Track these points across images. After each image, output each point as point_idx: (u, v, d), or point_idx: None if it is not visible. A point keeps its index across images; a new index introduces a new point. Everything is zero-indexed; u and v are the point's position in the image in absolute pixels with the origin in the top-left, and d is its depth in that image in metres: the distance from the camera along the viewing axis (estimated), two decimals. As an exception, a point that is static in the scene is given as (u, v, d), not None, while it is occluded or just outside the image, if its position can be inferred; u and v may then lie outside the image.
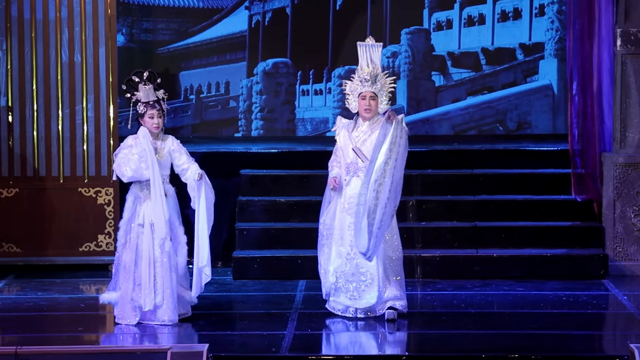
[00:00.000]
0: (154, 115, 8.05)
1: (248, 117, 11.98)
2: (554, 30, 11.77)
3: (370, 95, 8.13)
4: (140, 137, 8.03)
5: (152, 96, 8.07)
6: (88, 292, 9.43)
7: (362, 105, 8.15)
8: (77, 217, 10.18)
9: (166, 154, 8.09)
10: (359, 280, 8.11)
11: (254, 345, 7.68)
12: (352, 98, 8.22)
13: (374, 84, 8.12)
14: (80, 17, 10.14)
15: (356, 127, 8.18)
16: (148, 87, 8.07)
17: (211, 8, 12.11)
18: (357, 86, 8.18)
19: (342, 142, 8.18)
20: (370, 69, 8.12)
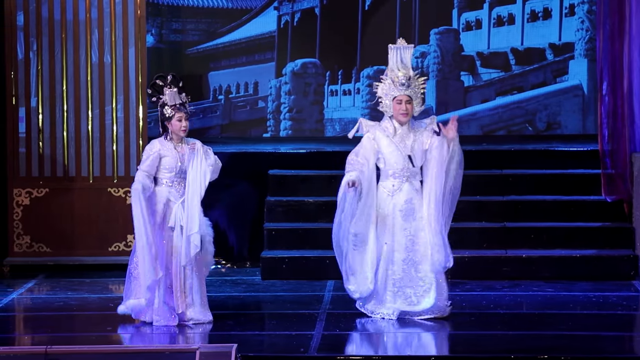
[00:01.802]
0: (182, 118, 8.07)
1: (277, 118, 11.99)
2: (584, 30, 11.71)
3: (406, 99, 8.05)
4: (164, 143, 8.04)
5: (178, 99, 8.08)
6: (117, 292, 9.46)
7: (399, 109, 8.07)
8: (107, 217, 10.22)
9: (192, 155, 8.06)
10: (417, 286, 8.07)
11: (282, 346, 7.68)
12: (386, 101, 8.14)
13: (409, 87, 8.05)
14: (110, 17, 10.18)
15: (396, 132, 8.08)
16: (173, 90, 8.07)
17: (240, 8, 12.13)
18: (390, 89, 8.10)
19: (385, 148, 8.05)
20: (404, 71, 8.05)
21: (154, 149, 8.08)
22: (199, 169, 7.99)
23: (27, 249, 10.23)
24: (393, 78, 8.07)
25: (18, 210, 10.22)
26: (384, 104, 8.14)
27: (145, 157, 8.09)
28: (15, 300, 9.10)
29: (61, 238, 10.18)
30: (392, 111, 8.10)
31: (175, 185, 8.04)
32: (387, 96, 8.10)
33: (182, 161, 8.05)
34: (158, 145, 8.10)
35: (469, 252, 9.75)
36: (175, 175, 8.05)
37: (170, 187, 8.05)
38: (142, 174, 8.03)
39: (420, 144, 8.06)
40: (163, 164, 8.06)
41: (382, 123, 8.17)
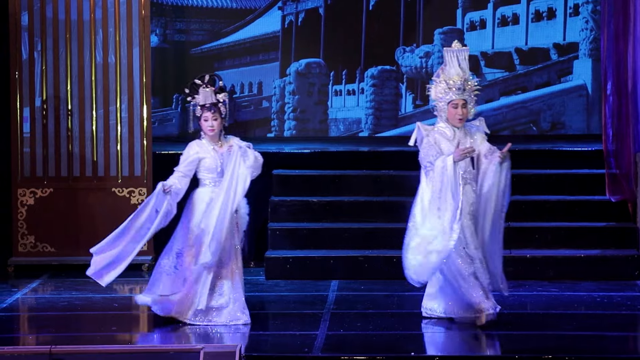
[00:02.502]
0: (208, 118, 8.01)
1: (281, 118, 11.99)
2: (589, 30, 11.70)
3: (462, 103, 7.91)
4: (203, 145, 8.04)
5: (210, 99, 8.03)
6: (121, 292, 9.47)
7: (454, 113, 7.91)
8: (111, 217, 10.21)
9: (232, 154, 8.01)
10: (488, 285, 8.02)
11: (287, 345, 7.68)
12: (440, 105, 7.97)
13: (465, 90, 7.94)
14: (115, 18, 10.19)
15: (455, 136, 7.97)
16: (207, 90, 8.04)
17: (244, 8, 12.13)
18: (446, 93, 7.94)
19: (446, 151, 7.89)
20: (461, 75, 7.93)
21: (191, 151, 8.06)
22: (233, 175, 7.91)
23: (32, 249, 10.24)
24: (448, 81, 7.91)
25: (22, 210, 10.22)
26: (438, 108, 7.97)
27: (182, 159, 8.06)
28: (19, 300, 9.11)
29: (65, 238, 10.19)
30: (447, 115, 7.94)
31: (218, 184, 7.99)
32: (442, 100, 7.94)
33: (222, 160, 8.00)
34: (196, 148, 8.06)
35: (473, 252, 9.73)
36: (217, 175, 8.01)
37: (214, 187, 8.01)
38: (176, 174, 8.02)
39: (476, 147, 7.93)
40: (203, 165, 8.02)
41: (437, 127, 8.00)
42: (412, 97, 12.00)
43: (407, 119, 11.99)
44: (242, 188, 7.95)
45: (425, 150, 7.95)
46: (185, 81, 12.03)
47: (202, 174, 8.07)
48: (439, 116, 8.01)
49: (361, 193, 10.33)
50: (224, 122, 8.10)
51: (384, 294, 9.03)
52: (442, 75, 7.99)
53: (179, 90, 11.99)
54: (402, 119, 12.00)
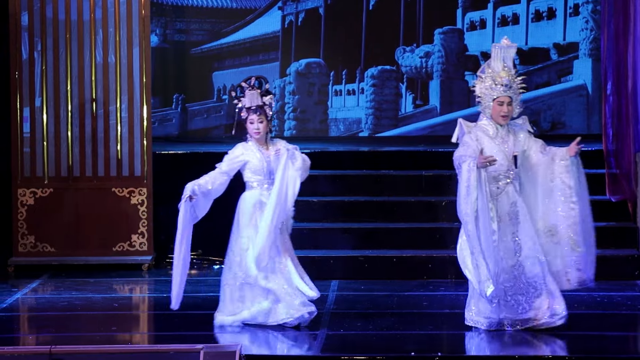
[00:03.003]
0: (254, 121, 7.94)
1: (281, 118, 11.99)
2: (589, 30, 11.70)
3: (507, 100, 7.71)
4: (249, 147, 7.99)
5: (256, 101, 7.95)
6: (121, 292, 9.47)
7: (499, 110, 7.71)
8: (111, 217, 10.22)
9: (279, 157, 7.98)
10: (529, 292, 7.75)
11: (287, 345, 7.68)
12: (485, 102, 7.77)
13: (511, 88, 7.72)
14: (115, 18, 10.19)
15: (497, 133, 7.77)
16: (253, 92, 7.98)
17: (244, 8, 12.14)
18: (492, 90, 7.73)
19: (488, 149, 7.65)
20: (507, 72, 7.74)
21: (236, 151, 8.01)
22: (284, 178, 7.85)
23: (32, 249, 10.23)
24: (495, 78, 7.72)
25: (22, 210, 10.22)
26: (483, 104, 7.77)
27: (226, 158, 8.01)
28: (19, 300, 9.11)
29: (65, 238, 10.19)
30: (492, 112, 7.75)
31: (267, 187, 7.95)
32: (487, 96, 7.74)
33: (269, 162, 7.94)
34: (241, 150, 8.01)
35: (473, 252, 9.73)
36: (264, 177, 7.95)
37: (261, 189, 7.96)
38: (215, 170, 7.98)
39: (519, 145, 7.77)
40: (249, 167, 7.97)
41: (479, 123, 7.82)
42: (412, 97, 12.00)
43: (407, 119, 12.00)
44: (292, 191, 7.90)
45: (463, 147, 7.70)
46: (185, 81, 12.11)
47: (249, 177, 8.01)
48: (482, 112, 7.80)
49: (361, 193, 10.33)
50: (270, 125, 8.04)
51: (384, 294, 9.03)
52: (487, 70, 7.79)
53: (179, 90, 12.00)
54: (402, 119, 12.00)
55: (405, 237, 9.80)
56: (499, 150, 7.73)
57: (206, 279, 9.92)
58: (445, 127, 11.88)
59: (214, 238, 10.52)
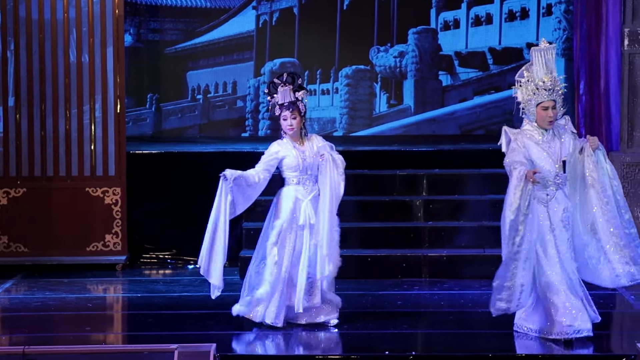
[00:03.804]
0: (287, 117, 7.91)
1: (255, 117, 11.99)
2: (562, 30, 11.76)
3: (552, 105, 7.50)
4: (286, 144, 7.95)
5: (288, 97, 7.92)
6: (95, 292, 9.44)
7: (545, 115, 7.49)
8: (85, 217, 10.19)
9: (314, 154, 7.94)
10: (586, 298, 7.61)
11: (261, 345, 7.68)
12: (529, 107, 7.54)
13: (554, 91, 7.53)
14: (88, 17, 10.16)
15: (543, 137, 7.55)
16: (286, 89, 7.94)
17: (218, 8, 12.13)
18: (535, 95, 7.51)
19: (535, 155, 7.48)
20: (550, 75, 7.53)
21: (272, 150, 7.99)
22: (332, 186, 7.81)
23: (5, 249, 10.19)
24: (538, 82, 7.49)
25: (-5, 210, 10.19)
26: (527, 110, 7.54)
27: (263, 157, 7.99)
28: (-8, 300, 9.08)
29: (39, 238, 10.15)
30: (537, 117, 7.51)
31: (303, 183, 7.92)
32: (531, 102, 7.51)
33: (304, 158, 7.92)
34: (277, 147, 7.98)
35: (447, 250, 9.77)
36: (300, 172, 7.93)
37: (297, 185, 7.93)
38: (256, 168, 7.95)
39: (565, 149, 7.57)
40: (285, 164, 7.94)
41: (524, 129, 7.59)
42: (387, 96, 12.03)
43: (381, 118, 12.02)
44: (338, 197, 7.86)
45: (512, 153, 7.51)
46: (159, 81, 12.08)
47: (286, 173, 7.99)
48: (526, 118, 7.57)
49: (335, 192, 10.32)
50: (303, 120, 8.00)
51: (358, 293, 9.04)
52: (526, 74, 7.55)
53: (153, 89, 11.98)
54: (376, 118, 12.02)
55: (379, 237, 9.82)
56: (546, 155, 7.53)
57: (180, 278, 9.91)
58: (419, 126, 11.91)
59: (188, 238, 10.53)
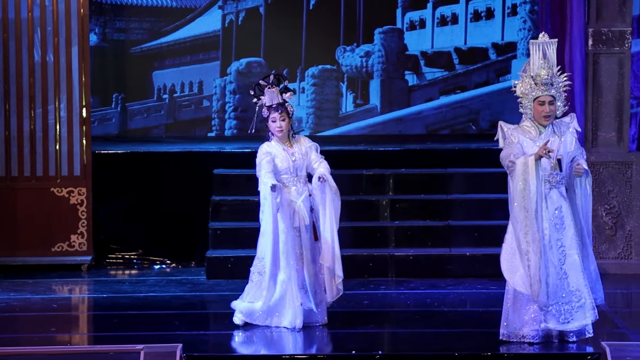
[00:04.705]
0: (276, 119, 7.88)
1: (221, 117, 11.97)
2: (527, 30, 11.82)
3: (549, 100, 7.30)
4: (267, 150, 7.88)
5: (276, 99, 7.88)
6: (61, 293, 9.40)
7: (541, 111, 7.31)
8: (50, 217, 10.14)
9: (302, 155, 7.92)
10: (572, 301, 7.42)
11: (227, 345, 7.67)
12: (525, 102, 7.38)
13: (552, 86, 7.33)
14: (53, 16, 10.11)
15: (540, 134, 7.38)
16: (273, 90, 7.90)
17: (184, 7, 12.09)
18: (532, 89, 7.34)
19: (530, 151, 7.29)
20: (548, 69, 7.31)
21: (263, 151, 7.93)
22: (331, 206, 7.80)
23: (-31, 249, 10.13)
24: (535, 77, 7.30)
25: (-41, 211, 10.11)
26: (524, 105, 7.38)
27: (259, 161, 7.89)
28: (-44, 301, 9.01)
29: (3, 238, 10.08)
30: (533, 113, 7.36)
31: (294, 184, 7.87)
32: (528, 96, 7.35)
33: (294, 160, 7.87)
34: (266, 148, 7.93)
35: (413, 250, 9.80)
36: (291, 175, 7.88)
37: (289, 188, 7.88)
38: (266, 174, 7.79)
39: (565, 147, 7.39)
40: (275, 166, 7.88)
41: (521, 125, 7.44)
42: (353, 96, 12.04)
43: (347, 118, 12.03)
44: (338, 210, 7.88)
45: (506, 149, 7.37)
46: (124, 80, 12.03)
47: (276, 176, 7.89)
48: (524, 114, 7.43)
49: (302, 192, 10.33)
50: (291, 122, 7.96)
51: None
52: (528, 69, 7.37)
53: (119, 89, 11.93)
54: (342, 118, 12.03)
55: (346, 236, 9.82)
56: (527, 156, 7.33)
57: (146, 279, 9.88)
58: (385, 126, 11.94)
59: (155, 238, 10.50)
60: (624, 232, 9.88)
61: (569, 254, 7.44)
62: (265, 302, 7.83)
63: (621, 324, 8.09)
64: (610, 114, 9.92)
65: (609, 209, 9.89)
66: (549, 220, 7.38)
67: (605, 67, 9.89)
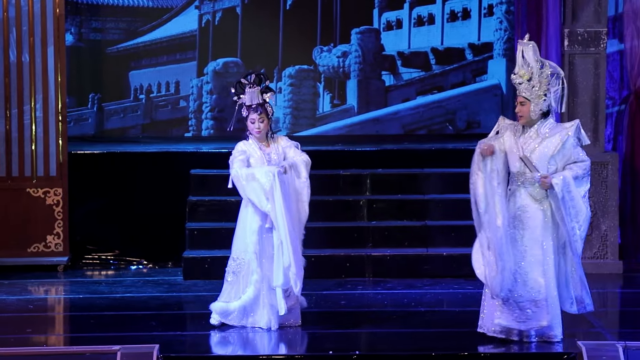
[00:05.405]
0: (255, 120, 7.84)
1: (198, 117, 11.95)
2: (503, 30, 11.85)
3: (521, 100, 7.41)
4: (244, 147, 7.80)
5: (256, 99, 7.83)
6: (37, 294, 9.36)
7: (517, 110, 7.46)
8: (26, 217, 10.10)
9: (279, 155, 7.88)
10: (527, 301, 7.42)
11: (205, 345, 7.66)
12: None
13: (525, 87, 7.39)
14: (28, 16, 10.06)
15: (523, 132, 7.44)
16: (253, 90, 7.85)
17: (161, 7, 12.06)
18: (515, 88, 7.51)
19: (508, 147, 7.41)
20: (525, 70, 7.42)
21: (239, 149, 7.90)
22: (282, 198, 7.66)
23: (-56, 250, 10.07)
24: (514, 77, 7.48)
25: None
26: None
27: (232, 159, 7.86)
28: None
29: (-21, 239, 10.04)
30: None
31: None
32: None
33: (269, 160, 7.84)
34: (243, 146, 7.91)
35: (390, 250, 9.81)
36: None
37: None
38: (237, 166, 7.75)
39: (543, 149, 7.37)
40: (251, 165, 7.84)
41: (516, 122, 7.54)
42: (330, 96, 12.04)
43: (324, 118, 12.03)
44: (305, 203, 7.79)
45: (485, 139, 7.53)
46: (101, 80, 11.99)
47: None
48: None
49: (279, 192, 10.32)
50: (270, 122, 7.93)
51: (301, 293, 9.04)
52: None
53: (95, 89, 11.89)
54: (319, 118, 12.03)
55: (323, 236, 9.83)
56: (515, 152, 7.40)
57: (123, 279, 9.86)
58: (362, 126, 11.95)
59: (131, 239, 10.47)
60: (599, 232, 9.92)
61: (531, 254, 7.40)
62: (240, 302, 7.83)
63: (597, 323, 8.12)
64: (586, 114, 9.96)
65: (585, 209, 9.93)
66: (507, 217, 7.37)
67: (581, 68, 9.93)
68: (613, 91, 10.61)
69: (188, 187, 10.33)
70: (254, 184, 7.75)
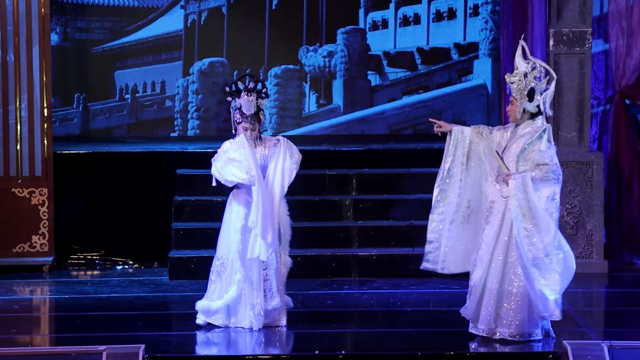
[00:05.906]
0: (247, 128, 7.85)
1: (184, 117, 11.94)
2: (488, 30, 11.87)
3: (511, 99, 7.57)
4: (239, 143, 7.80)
5: (252, 109, 7.84)
6: (22, 294, 9.34)
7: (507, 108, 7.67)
8: (11, 217, 10.08)
9: (265, 157, 7.87)
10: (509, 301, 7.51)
11: (190, 346, 7.66)
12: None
13: (513, 88, 7.51)
14: (13, 16, 10.04)
15: (511, 130, 7.60)
16: (250, 101, 7.83)
17: (146, 7, 12.05)
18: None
19: (496, 142, 7.61)
20: (517, 71, 7.53)
21: (224, 148, 7.89)
22: (277, 168, 7.78)
23: None
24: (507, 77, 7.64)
25: None
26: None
27: (216, 157, 7.87)
28: None
29: (-36, 239, 10.02)
30: None
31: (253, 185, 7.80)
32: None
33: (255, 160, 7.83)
34: (228, 146, 7.90)
35: (376, 250, 9.82)
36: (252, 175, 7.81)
37: (248, 188, 7.82)
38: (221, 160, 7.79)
39: (515, 149, 7.48)
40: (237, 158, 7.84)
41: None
42: (316, 96, 12.05)
43: (310, 118, 12.04)
44: (287, 182, 7.84)
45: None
46: (86, 80, 11.97)
47: None
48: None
49: (265, 192, 10.32)
50: (260, 127, 7.94)
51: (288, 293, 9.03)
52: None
53: (81, 89, 11.86)
54: (305, 118, 12.04)
55: (309, 236, 9.84)
56: (495, 147, 7.56)
57: (109, 279, 9.84)
58: (348, 126, 11.95)
59: (117, 239, 10.46)
60: (584, 231, 9.95)
61: (483, 249, 7.56)
62: (223, 302, 7.83)
63: (582, 322, 8.15)
64: (571, 114, 9.99)
65: (570, 208, 9.96)
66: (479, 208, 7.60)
67: (566, 68, 9.95)
68: (598, 91, 10.64)
69: (174, 187, 10.32)
70: (230, 166, 7.77)
